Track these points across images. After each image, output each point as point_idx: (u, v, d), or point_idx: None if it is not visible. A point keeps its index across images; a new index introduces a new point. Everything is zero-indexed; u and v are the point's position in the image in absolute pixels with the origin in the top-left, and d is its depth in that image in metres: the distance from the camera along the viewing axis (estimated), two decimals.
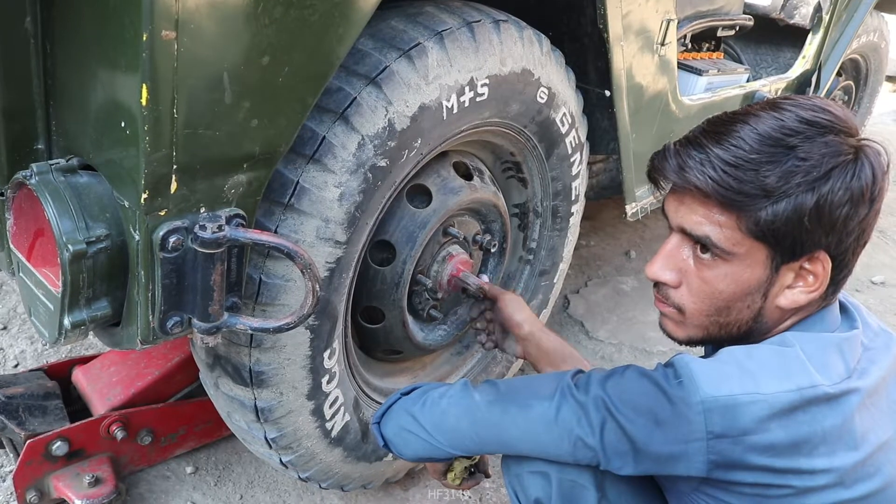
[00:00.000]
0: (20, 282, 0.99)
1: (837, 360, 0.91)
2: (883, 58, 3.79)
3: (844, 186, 0.89)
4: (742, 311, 0.98)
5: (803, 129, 0.91)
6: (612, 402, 0.94)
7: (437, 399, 1.13)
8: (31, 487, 1.45)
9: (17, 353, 2.02)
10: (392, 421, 1.18)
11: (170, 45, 0.77)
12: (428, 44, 1.17)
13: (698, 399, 0.87)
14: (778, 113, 0.93)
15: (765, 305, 0.97)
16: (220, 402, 1.30)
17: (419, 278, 1.44)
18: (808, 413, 0.86)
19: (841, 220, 0.90)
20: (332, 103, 1.09)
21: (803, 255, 0.93)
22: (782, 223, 0.90)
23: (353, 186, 1.12)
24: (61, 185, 0.88)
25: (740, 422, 0.85)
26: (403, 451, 1.17)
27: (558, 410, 0.99)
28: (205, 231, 0.88)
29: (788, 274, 0.95)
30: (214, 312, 0.94)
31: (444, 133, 1.27)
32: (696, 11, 2.38)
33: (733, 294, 0.97)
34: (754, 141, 0.92)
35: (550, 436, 0.99)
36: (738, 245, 0.94)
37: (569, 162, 1.68)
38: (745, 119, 0.94)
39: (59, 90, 0.94)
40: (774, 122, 0.92)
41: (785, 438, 0.85)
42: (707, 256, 0.97)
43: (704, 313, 1.00)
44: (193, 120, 0.83)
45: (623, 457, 0.94)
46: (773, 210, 0.90)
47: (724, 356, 0.93)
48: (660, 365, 0.96)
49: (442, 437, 1.11)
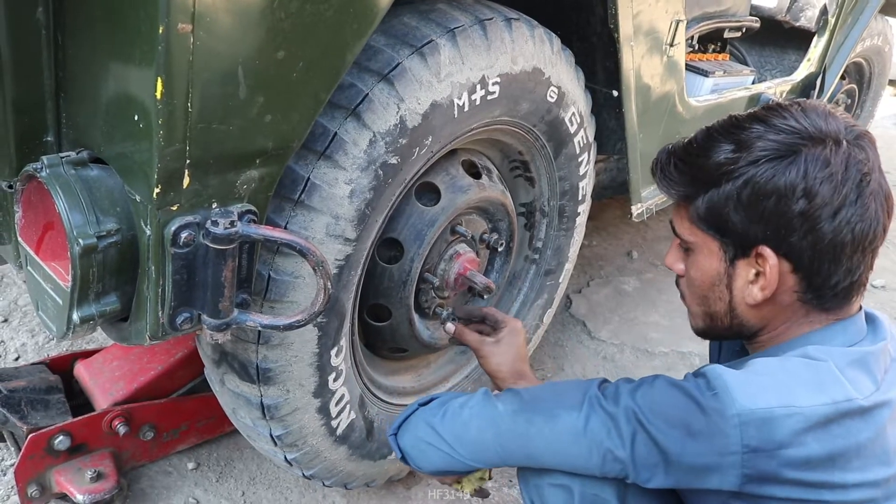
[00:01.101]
0: (28, 275, 0.98)
1: (864, 374, 0.90)
2: (886, 61, 3.79)
3: (769, 177, 0.93)
4: (717, 303, 1.05)
5: (750, 126, 0.96)
6: (643, 412, 0.92)
7: (457, 410, 1.10)
8: (32, 482, 1.44)
9: (18, 346, 2.00)
10: (410, 432, 1.15)
11: (186, 39, 0.76)
12: (440, 41, 1.16)
13: (734, 412, 0.85)
14: (742, 113, 1.00)
15: (733, 299, 1.02)
16: (226, 398, 1.29)
17: (426, 276, 1.43)
18: (843, 426, 0.85)
19: (769, 212, 0.93)
20: (343, 99, 1.08)
21: (749, 248, 0.97)
22: (717, 211, 0.97)
23: (364, 183, 1.11)
24: (72, 178, 0.87)
25: (777, 435, 0.84)
26: (422, 463, 1.14)
27: (587, 421, 0.97)
28: (217, 227, 0.87)
29: (748, 269, 0.99)
30: (225, 309, 0.94)
31: (455, 131, 1.26)
32: (703, 12, 2.38)
33: (702, 283, 1.05)
34: (702, 135, 1.01)
35: (579, 448, 0.97)
36: (693, 235, 1.04)
37: (576, 162, 1.67)
38: (708, 125, 1.03)
39: (70, 82, 0.93)
40: (729, 119, 1.00)
41: (820, 452, 0.84)
42: (685, 249, 1.08)
43: (695, 302, 1.09)
44: (208, 114, 0.82)
45: (653, 469, 0.92)
46: (709, 198, 0.98)
47: (757, 367, 0.92)
48: (689, 375, 0.95)
49: (463, 450, 1.08)
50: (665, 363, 2.42)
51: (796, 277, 0.96)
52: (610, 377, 2.32)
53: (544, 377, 2.27)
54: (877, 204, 0.94)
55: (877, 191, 0.94)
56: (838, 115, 0.96)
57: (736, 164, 0.95)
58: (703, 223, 1.00)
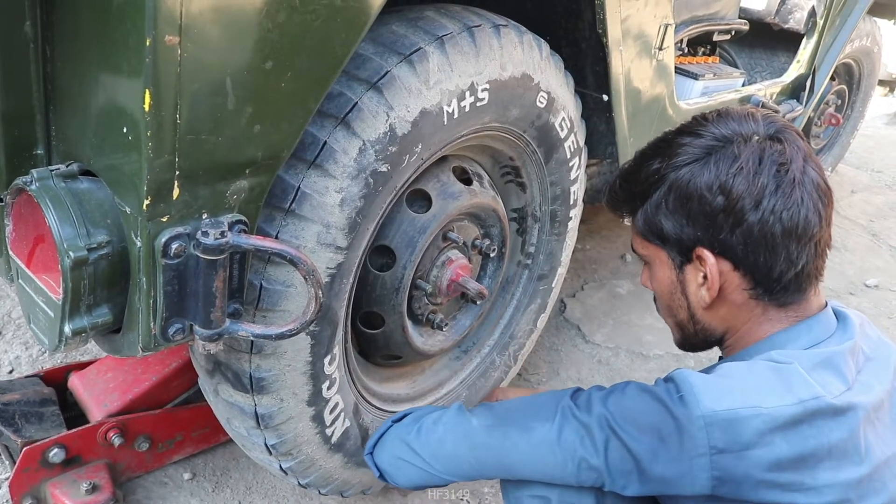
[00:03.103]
0: (19, 288, 0.98)
1: (832, 374, 0.91)
2: (875, 62, 3.81)
3: (687, 179, 0.97)
4: (679, 311, 1.08)
5: (674, 138, 1.01)
6: (615, 419, 0.93)
7: (431, 426, 1.11)
8: (27, 495, 1.44)
9: (11, 359, 2.00)
10: (386, 450, 1.17)
11: (173, 50, 0.76)
12: (429, 49, 1.17)
13: (699, 413, 0.86)
14: (671, 128, 1.06)
15: (691, 305, 1.05)
16: (220, 408, 1.29)
17: (419, 283, 1.44)
18: (814, 427, 0.86)
19: (695, 212, 0.97)
20: (333, 108, 1.09)
21: (689, 252, 1.01)
22: (652, 220, 1.02)
23: (355, 192, 1.11)
24: (62, 190, 0.88)
25: (742, 436, 0.85)
26: (399, 480, 1.16)
27: (560, 432, 0.98)
28: (207, 237, 0.87)
29: (696, 273, 1.02)
30: (217, 319, 0.94)
31: (445, 138, 1.27)
32: (692, 16, 2.39)
33: (662, 293, 1.10)
34: (637, 154, 1.07)
35: (554, 458, 0.98)
36: (644, 248, 1.09)
37: (567, 166, 1.68)
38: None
39: (59, 95, 0.93)
40: (659, 136, 1.06)
41: (789, 452, 0.84)
42: (644, 262, 1.13)
43: (665, 313, 1.14)
44: (196, 125, 0.83)
45: (627, 476, 0.92)
46: (644, 209, 1.03)
47: (724, 370, 0.93)
48: (660, 380, 0.96)
49: (439, 465, 1.09)
50: (660, 366, 2.43)
51: (738, 274, 0.99)
52: (605, 381, 2.33)
53: (539, 382, 2.28)
54: (803, 192, 0.95)
55: (801, 179, 0.95)
56: (761, 114, 1.00)
57: (660, 172, 1.00)
58: (648, 235, 1.06)
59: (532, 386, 2.25)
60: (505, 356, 1.85)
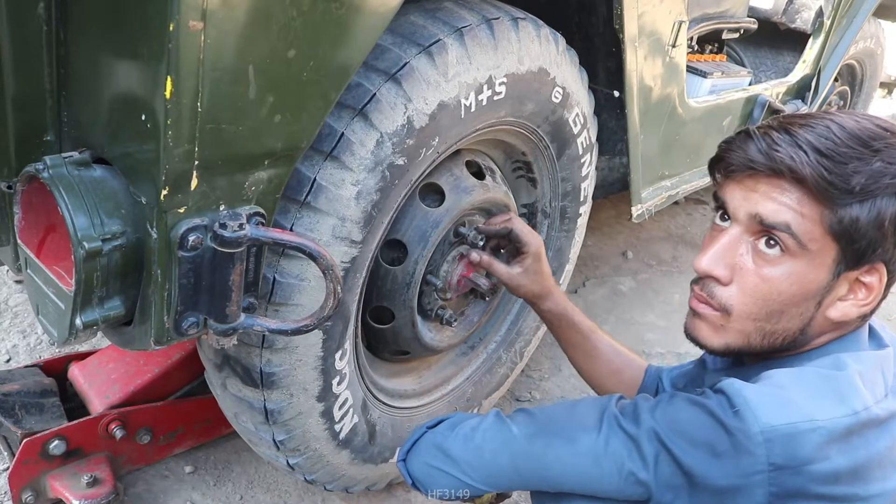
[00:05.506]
0: (27, 278, 0.96)
1: (880, 380, 0.90)
2: (878, 64, 3.81)
3: None
4: (793, 319, 0.93)
5: (884, 135, 0.88)
6: (666, 433, 0.89)
7: (469, 433, 1.06)
8: (26, 487, 1.41)
9: (9, 348, 1.97)
10: (419, 458, 1.11)
11: (196, 36, 0.74)
12: (448, 40, 1.15)
13: (758, 429, 0.82)
14: (852, 118, 0.90)
15: (816, 315, 0.93)
16: (227, 403, 1.27)
17: (429, 278, 1.42)
18: (863, 437, 0.83)
19: None
20: (351, 99, 1.06)
21: (865, 264, 0.89)
22: (863, 225, 0.86)
23: (371, 185, 1.09)
24: (75, 179, 0.85)
25: (802, 451, 0.81)
26: (432, 489, 1.09)
27: (607, 443, 0.93)
28: (225, 229, 0.85)
29: (844, 284, 0.91)
30: (232, 313, 0.91)
31: (462, 131, 1.25)
32: (703, 13, 2.38)
33: (792, 297, 0.91)
34: (842, 134, 0.87)
35: (600, 470, 0.93)
36: (813, 241, 0.88)
37: (579, 162, 1.66)
38: (823, 117, 0.90)
39: (72, 80, 0.90)
40: (854, 123, 0.89)
41: (845, 465, 0.82)
42: (772, 252, 0.90)
43: (753, 317, 0.94)
44: (217, 114, 0.80)
45: (677, 491, 0.88)
46: (858, 210, 0.86)
47: (774, 380, 0.89)
48: (709, 391, 0.91)
49: (476, 474, 1.04)
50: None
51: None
52: None
53: (542, 378, 2.27)
54: None
55: None
56: None
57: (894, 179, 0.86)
58: (836, 232, 0.87)
59: (535, 382, 2.24)
60: (511, 352, 1.84)
